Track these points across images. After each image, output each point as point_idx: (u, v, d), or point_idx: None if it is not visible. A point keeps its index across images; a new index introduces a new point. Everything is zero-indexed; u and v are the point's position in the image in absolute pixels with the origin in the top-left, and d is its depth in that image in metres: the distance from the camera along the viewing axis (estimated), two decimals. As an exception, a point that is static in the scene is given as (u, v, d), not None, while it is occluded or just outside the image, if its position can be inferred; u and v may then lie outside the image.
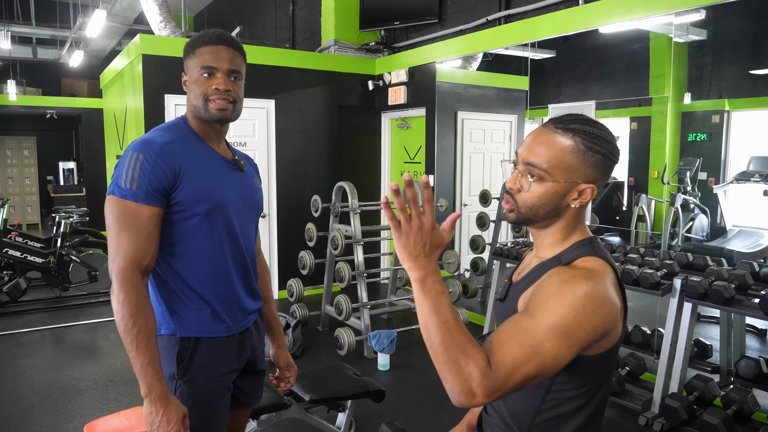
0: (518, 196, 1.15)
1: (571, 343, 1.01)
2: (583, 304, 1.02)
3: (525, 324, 1.02)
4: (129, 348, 1.43)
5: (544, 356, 0.99)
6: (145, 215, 1.47)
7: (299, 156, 6.14)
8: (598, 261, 1.12)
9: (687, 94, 4.15)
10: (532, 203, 1.14)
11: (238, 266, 1.66)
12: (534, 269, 1.19)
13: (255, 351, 1.75)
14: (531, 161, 1.13)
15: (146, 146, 1.50)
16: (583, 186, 1.12)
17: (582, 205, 1.15)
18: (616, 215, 4.82)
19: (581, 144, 1.11)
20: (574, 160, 1.11)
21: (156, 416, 1.43)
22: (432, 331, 0.98)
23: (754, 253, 3.86)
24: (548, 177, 1.11)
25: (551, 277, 1.09)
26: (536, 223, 1.18)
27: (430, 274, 1.00)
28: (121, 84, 6.48)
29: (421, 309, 1.00)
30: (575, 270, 1.09)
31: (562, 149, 1.11)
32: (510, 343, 0.99)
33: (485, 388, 0.96)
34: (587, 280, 1.05)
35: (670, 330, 3.30)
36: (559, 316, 1.01)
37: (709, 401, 3.16)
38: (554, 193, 1.13)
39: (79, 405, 3.59)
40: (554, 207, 1.14)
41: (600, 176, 1.14)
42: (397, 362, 4.26)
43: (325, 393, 2.66)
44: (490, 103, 6.12)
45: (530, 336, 1.00)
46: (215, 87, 1.55)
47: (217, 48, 1.57)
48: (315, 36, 7.06)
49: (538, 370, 0.99)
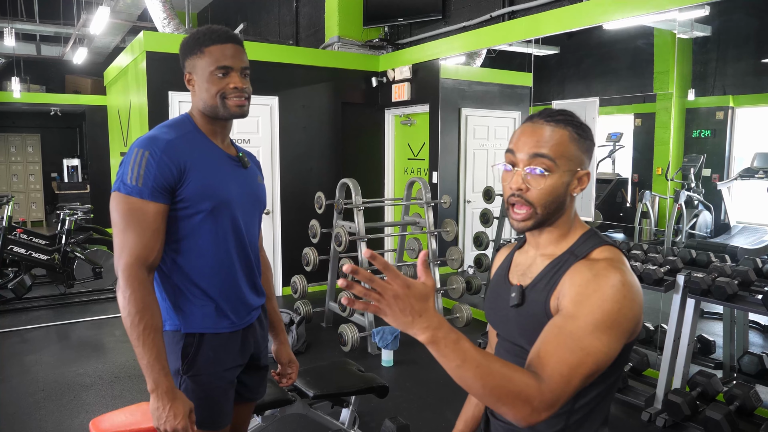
0: (530, 195, 1.12)
1: (618, 335, 1.02)
2: (623, 295, 1.03)
3: (570, 328, 1.01)
4: (135, 344, 1.44)
5: (597, 355, 1.00)
6: (150, 212, 1.48)
7: (303, 153, 6.14)
8: (614, 249, 1.13)
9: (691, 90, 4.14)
10: (546, 199, 1.12)
11: (242, 263, 1.67)
12: (548, 268, 1.15)
13: (258, 346, 1.77)
14: (540, 152, 1.11)
15: (152, 143, 1.51)
16: (581, 173, 1.14)
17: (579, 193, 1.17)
18: (619, 212, 4.82)
19: (573, 132, 1.13)
20: (573, 148, 1.12)
21: (163, 411, 1.44)
22: (470, 382, 0.95)
23: (757, 250, 3.85)
24: (555, 168, 1.11)
25: (580, 274, 1.08)
26: (549, 221, 1.15)
27: (436, 329, 0.94)
28: (125, 81, 6.50)
29: (448, 366, 0.95)
30: (602, 262, 1.09)
31: (562, 138, 1.12)
32: (560, 351, 1.00)
33: (546, 402, 0.96)
34: (617, 270, 1.06)
35: (673, 326, 3.30)
36: (604, 312, 1.01)
37: (712, 397, 3.16)
38: (561, 184, 1.12)
39: (84, 401, 3.61)
40: (562, 199, 1.14)
41: (589, 162, 1.17)
42: (400, 359, 4.27)
43: (329, 389, 2.67)
44: (494, 99, 6.12)
45: (578, 338, 1.00)
46: (233, 85, 1.57)
47: (228, 46, 1.58)
48: (318, 33, 7.06)
49: (593, 369, 1.00)
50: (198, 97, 1.61)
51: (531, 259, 1.22)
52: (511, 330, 1.21)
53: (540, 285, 1.15)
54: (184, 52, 1.62)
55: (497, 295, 1.26)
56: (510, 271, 1.27)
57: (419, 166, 6.32)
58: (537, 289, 1.15)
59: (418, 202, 4.96)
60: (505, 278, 1.26)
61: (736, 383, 3.17)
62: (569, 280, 1.09)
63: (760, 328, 4.26)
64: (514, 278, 1.24)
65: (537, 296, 1.14)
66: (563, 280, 1.10)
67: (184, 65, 1.63)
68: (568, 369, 0.98)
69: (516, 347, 1.21)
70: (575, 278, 1.08)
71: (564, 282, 1.10)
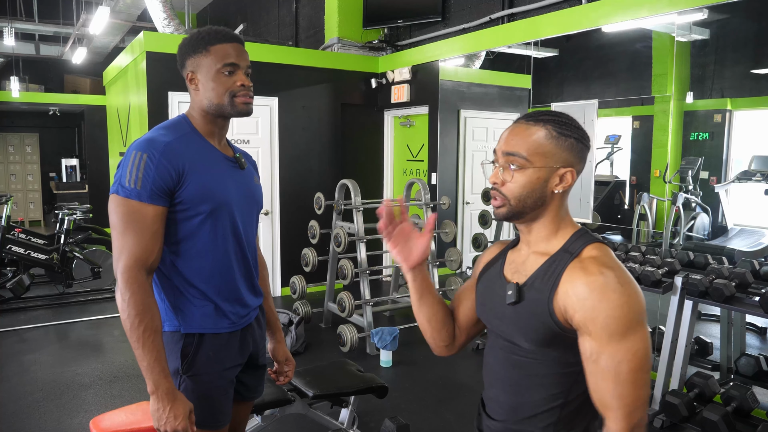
0: (504, 189, 1.19)
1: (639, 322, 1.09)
2: (624, 293, 1.08)
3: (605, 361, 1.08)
4: (135, 346, 1.44)
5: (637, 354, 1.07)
6: (149, 214, 1.48)
7: (302, 153, 6.15)
8: (602, 246, 1.18)
9: (689, 93, 4.16)
10: (519, 193, 1.18)
11: (241, 263, 1.68)
12: (544, 266, 1.18)
13: (257, 346, 1.77)
14: (511, 151, 1.18)
15: (150, 146, 1.51)
16: (562, 170, 1.18)
17: (565, 191, 1.20)
18: (617, 214, 4.83)
19: (553, 130, 1.17)
20: (549, 146, 1.17)
21: (163, 413, 1.45)
22: None
23: (755, 252, 3.87)
24: (528, 164, 1.16)
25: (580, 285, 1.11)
26: (526, 214, 1.20)
27: None
28: (125, 81, 6.50)
29: None
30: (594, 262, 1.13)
31: (537, 137, 1.17)
32: (609, 387, 1.08)
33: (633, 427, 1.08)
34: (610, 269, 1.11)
35: (670, 327, 3.31)
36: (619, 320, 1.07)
37: (709, 398, 3.18)
38: (537, 180, 1.17)
39: (83, 400, 3.62)
40: (540, 195, 1.18)
41: (576, 160, 1.19)
42: (399, 359, 4.28)
43: (328, 389, 2.68)
44: (493, 101, 6.13)
45: (618, 362, 1.07)
46: (240, 83, 1.59)
47: (234, 45, 1.61)
48: (318, 34, 7.07)
49: (644, 361, 1.08)
50: (201, 95, 1.61)
51: (524, 257, 1.25)
52: (507, 327, 1.22)
53: (538, 283, 1.17)
54: (185, 50, 1.63)
55: (491, 291, 1.28)
56: (504, 268, 1.29)
57: (418, 167, 6.33)
58: (535, 287, 1.17)
59: (417, 203, 4.97)
60: (499, 275, 1.28)
61: (734, 385, 3.19)
62: (571, 289, 1.11)
63: (757, 330, 4.28)
64: (508, 275, 1.27)
65: (537, 294, 1.16)
66: (564, 285, 1.13)
67: (184, 64, 1.63)
68: (629, 391, 1.07)
69: (510, 344, 1.23)
70: (577, 289, 1.11)
71: (565, 288, 1.12)
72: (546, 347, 1.16)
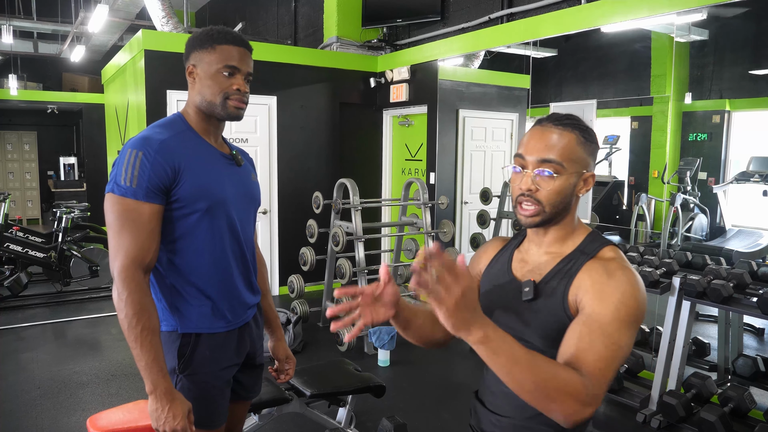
0: (539, 195, 1.19)
1: (636, 328, 1.12)
2: (639, 291, 1.12)
3: (600, 325, 1.09)
4: (133, 346, 1.44)
5: (624, 349, 1.09)
6: (145, 213, 1.48)
7: (301, 153, 6.15)
8: (617, 249, 1.21)
9: (688, 93, 4.16)
10: (554, 199, 1.19)
11: (238, 261, 1.68)
12: (560, 265, 1.21)
13: (254, 345, 1.77)
14: (546, 157, 1.18)
15: (145, 144, 1.50)
16: (587, 174, 1.22)
17: None
18: (616, 214, 4.84)
19: (580, 136, 1.20)
20: (579, 151, 1.20)
21: (162, 412, 1.44)
22: (521, 377, 1.00)
23: (752, 253, 3.88)
24: (563, 170, 1.18)
25: (597, 273, 1.15)
26: (555, 220, 1.22)
27: (488, 327, 1.00)
28: (123, 79, 6.49)
29: (498, 363, 1.01)
30: (613, 262, 1.17)
31: (568, 142, 1.19)
32: (595, 347, 1.07)
33: (592, 396, 1.02)
34: (628, 269, 1.14)
35: (668, 328, 3.32)
36: (627, 308, 1.10)
37: (707, 399, 3.18)
38: (569, 185, 1.19)
39: (81, 399, 3.61)
40: (569, 199, 1.21)
41: (593, 164, 1.23)
42: (397, 359, 4.28)
43: (326, 388, 2.68)
44: (492, 101, 6.13)
45: (609, 335, 1.08)
46: (236, 87, 1.59)
47: (240, 49, 1.60)
48: (317, 33, 7.07)
49: (622, 361, 1.09)
50: (197, 91, 1.61)
51: (537, 257, 1.27)
52: (516, 324, 1.23)
53: (554, 281, 1.20)
54: (192, 44, 1.62)
55: (500, 288, 1.29)
56: (512, 266, 1.30)
57: (417, 166, 6.33)
58: (551, 285, 1.20)
59: (416, 202, 4.97)
60: (506, 272, 1.29)
61: (731, 385, 3.19)
62: (587, 277, 1.15)
63: (755, 331, 4.28)
64: (518, 274, 1.28)
65: (552, 291, 1.19)
66: (579, 277, 1.16)
67: (188, 57, 1.63)
68: (604, 363, 1.06)
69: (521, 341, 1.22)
70: (593, 276, 1.15)
71: (581, 279, 1.16)
72: (557, 345, 1.16)
